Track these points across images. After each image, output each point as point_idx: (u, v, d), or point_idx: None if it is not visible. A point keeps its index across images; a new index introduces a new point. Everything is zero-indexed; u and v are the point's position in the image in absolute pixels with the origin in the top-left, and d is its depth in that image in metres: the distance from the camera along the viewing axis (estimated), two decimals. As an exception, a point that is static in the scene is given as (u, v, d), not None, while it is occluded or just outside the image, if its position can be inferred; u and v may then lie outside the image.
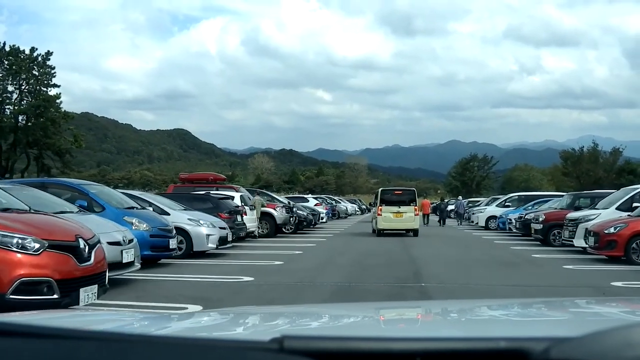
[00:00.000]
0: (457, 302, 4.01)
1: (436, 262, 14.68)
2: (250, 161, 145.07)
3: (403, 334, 1.78)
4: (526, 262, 15.07)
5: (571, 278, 11.95)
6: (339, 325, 2.06)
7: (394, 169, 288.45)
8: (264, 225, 24.19)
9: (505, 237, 25.34)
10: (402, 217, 25.54)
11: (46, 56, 61.75)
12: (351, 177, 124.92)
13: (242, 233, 19.34)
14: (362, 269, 12.99)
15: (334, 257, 15.63)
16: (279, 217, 24.59)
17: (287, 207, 25.86)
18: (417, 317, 2.37)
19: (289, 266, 13.36)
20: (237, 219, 18.98)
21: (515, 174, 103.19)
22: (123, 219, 12.29)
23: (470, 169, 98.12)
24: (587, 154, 70.42)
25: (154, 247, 12.49)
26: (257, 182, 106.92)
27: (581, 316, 2.21)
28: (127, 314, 2.92)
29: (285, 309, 3.08)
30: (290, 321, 2.12)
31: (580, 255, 15.77)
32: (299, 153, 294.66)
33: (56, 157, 62.40)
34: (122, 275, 9.81)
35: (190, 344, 1.06)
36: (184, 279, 10.99)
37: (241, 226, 19.11)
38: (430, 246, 20.22)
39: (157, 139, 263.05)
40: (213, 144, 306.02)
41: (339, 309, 2.77)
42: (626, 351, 0.89)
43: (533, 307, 2.47)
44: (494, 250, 18.78)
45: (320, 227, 32.82)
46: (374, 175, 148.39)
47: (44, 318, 1.94)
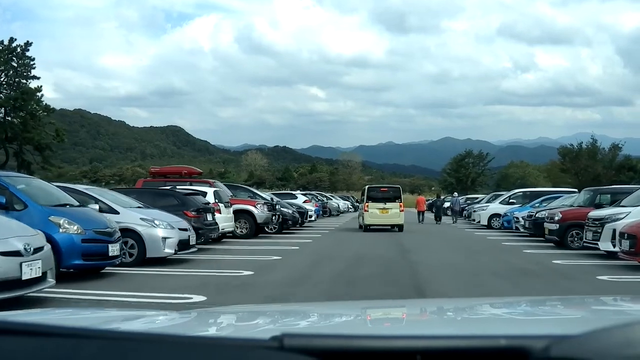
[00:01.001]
0: (457, 301, 3.72)
1: (441, 271, 12.15)
2: (243, 158, 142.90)
3: (403, 332, 1.77)
4: (550, 272, 12.47)
5: (616, 294, 9.46)
6: (339, 323, 2.07)
7: (388, 166, 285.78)
8: (243, 225, 21.64)
9: (512, 237, 22.78)
10: (387, 213, 26.60)
11: (25, 47, 59.05)
12: (345, 174, 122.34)
13: (214, 234, 16.77)
14: (350, 284, 10.36)
15: (317, 266, 13.06)
16: (259, 216, 21.90)
17: (269, 204, 23.23)
18: (418, 315, 2.33)
19: (259, 278, 10.77)
20: (207, 217, 16.25)
21: (510, 170, 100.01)
22: (49, 219, 9.82)
23: (465, 166, 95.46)
24: (585, 150, 67.80)
25: (88, 254, 9.94)
26: (250, 178, 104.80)
27: (582, 314, 2.20)
28: (127, 313, 2.45)
29: (285, 307, 3.06)
30: (290, 319, 2.13)
31: (608, 262, 13.34)
32: (293, 150, 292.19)
33: (36, 152, 59.70)
34: (27, 294, 7.35)
35: (191, 343, 1.04)
36: (115, 298, 8.36)
37: (212, 226, 16.41)
38: (430, 249, 17.91)
39: (150, 136, 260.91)
40: (207, 141, 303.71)
41: (339, 307, 2.76)
42: (626, 349, 0.89)
43: (533, 305, 2.47)
44: (505, 254, 16.19)
45: (308, 226, 30.16)
46: (368, 172, 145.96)
47: (45, 317, 1.95)
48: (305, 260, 14.07)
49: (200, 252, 14.34)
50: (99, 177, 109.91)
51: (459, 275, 11.57)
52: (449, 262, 14.09)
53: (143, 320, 1.96)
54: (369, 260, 14.25)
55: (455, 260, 14.43)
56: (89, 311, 3.17)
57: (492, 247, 19.03)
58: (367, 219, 26.55)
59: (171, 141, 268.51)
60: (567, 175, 66.58)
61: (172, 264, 12.24)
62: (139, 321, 1.93)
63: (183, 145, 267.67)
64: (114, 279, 10.28)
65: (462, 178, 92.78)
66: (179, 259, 12.90)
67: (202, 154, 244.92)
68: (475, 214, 33.18)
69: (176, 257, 12.89)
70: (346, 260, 14.19)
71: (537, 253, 16.18)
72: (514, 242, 20.47)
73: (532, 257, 15.20)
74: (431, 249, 17.98)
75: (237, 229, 21.13)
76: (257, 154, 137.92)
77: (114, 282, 9.97)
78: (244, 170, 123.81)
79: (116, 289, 9.15)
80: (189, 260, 13.04)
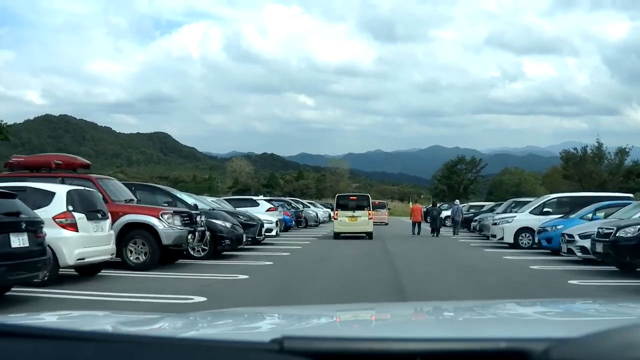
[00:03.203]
0: (457, 304, 3.43)
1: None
2: (228, 164, 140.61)
3: (403, 335, 1.78)
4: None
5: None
6: (339, 326, 2.09)
7: (377, 173, 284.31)
8: (140, 249, 14.03)
9: (566, 265, 15.97)
10: (356, 221, 26.70)
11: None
12: (332, 181, 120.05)
13: (41, 272, 9.41)
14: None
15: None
16: (165, 233, 14.11)
17: (183, 215, 15.06)
18: (417, 318, 2.33)
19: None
20: (14, 241, 8.77)
21: (505, 177, 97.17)
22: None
23: (458, 172, 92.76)
24: (590, 154, 63.13)
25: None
26: (235, 185, 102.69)
27: (581, 317, 2.21)
28: (126, 315, 2.68)
29: (284, 310, 3.04)
30: (290, 322, 2.17)
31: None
32: (280, 157, 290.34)
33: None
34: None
35: (191, 345, 1.04)
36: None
37: (31, 258, 9.01)
38: (447, 292, 10.92)
39: (137, 142, 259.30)
40: (194, 148, 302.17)
41: (339, 310, 2.71)
42: (626, 352, 0.89)
43: (533, 308, 2.47)
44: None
45: (268, 244, 22.32)
46: (356, 180, 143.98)
47: (42, 320, 1.94)
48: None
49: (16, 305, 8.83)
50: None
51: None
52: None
53: (142, 323, 1.96)
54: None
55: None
56: (86, 314, 2.91)
57: (554, 290, 11.58)
58: (336, 227, 27.18)
59: (158, 147, 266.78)
60: (569, 182, 62.70)
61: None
62: (138, 324, 1.94)
63: (170, 152, 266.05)
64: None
65: (454, 185, 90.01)
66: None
67: (188, 160, 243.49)
68: (495, 227, 23.81)
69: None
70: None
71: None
72: (581, 277, 13.42)
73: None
74: (446, 291, 11.16)
75: (130, 256, 13.92)
76: (243, 161, 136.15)
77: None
78: (229, 177, 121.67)
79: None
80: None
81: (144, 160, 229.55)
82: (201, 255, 16.33)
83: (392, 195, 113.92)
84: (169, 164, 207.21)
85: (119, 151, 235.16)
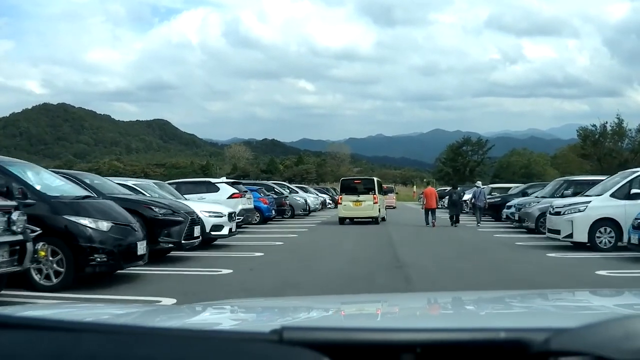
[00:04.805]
0: (457, 294, 3.51)
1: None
2: (226, 150, 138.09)
3: (403, 325, 1.77)
4: None
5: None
6: (338, 316, 2.07)
7: (378, 158, 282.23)
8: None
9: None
10: (361, 206, 25.90)
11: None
12: (333, 166, 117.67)
13: None
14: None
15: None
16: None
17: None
18: (417, 308, 2.28)
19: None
20: None
21: (512, 159, 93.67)
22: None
23: (463, 154, 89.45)
24: (610, 132, 58.74)
25: None
26: (234, 171, 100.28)
27: (581, 307, 2.19)
28: (126, 307, 2.59)
29: (284, 301, 3.00)
30: (290, 313, 2.11)
31: None
32: (281, 143, 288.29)
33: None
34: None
35: (191, 336, 1.03)
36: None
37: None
38: None
39: (136, 130, 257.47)
40: (194, 135, 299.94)
41: (339, 301, 2.71)
42: (625, 342, 0.89)
43: (532, 298, 2.43)
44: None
45: (209, 250, 14.68)
46: (357, 164, 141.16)
47: (41, 312, 1.91)
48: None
49: None
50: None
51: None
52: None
53: (143, 315, 1.94)
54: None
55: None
56: (82, 305, 2.93)
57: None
58: (340, 212, 26.53)
59: (157, 135, 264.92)
60: (588, 162, 59.21)
61: None
62: (138, 315, 1.92)
63: (169, 139, 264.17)
64: None
65: (460, 167, 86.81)
66: None
67: (189, 147, 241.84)
68: (558, 219, 15.83)
69: None
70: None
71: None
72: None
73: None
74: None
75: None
76: (241, 147, 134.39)
77: None
78: (228, 163, 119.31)
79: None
80: None
81: (143, 148, 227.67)
82: (51, 283, 8.99)
83: (395, 180, 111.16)
84: (168, 151, 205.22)
85: (118, 139, 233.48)
